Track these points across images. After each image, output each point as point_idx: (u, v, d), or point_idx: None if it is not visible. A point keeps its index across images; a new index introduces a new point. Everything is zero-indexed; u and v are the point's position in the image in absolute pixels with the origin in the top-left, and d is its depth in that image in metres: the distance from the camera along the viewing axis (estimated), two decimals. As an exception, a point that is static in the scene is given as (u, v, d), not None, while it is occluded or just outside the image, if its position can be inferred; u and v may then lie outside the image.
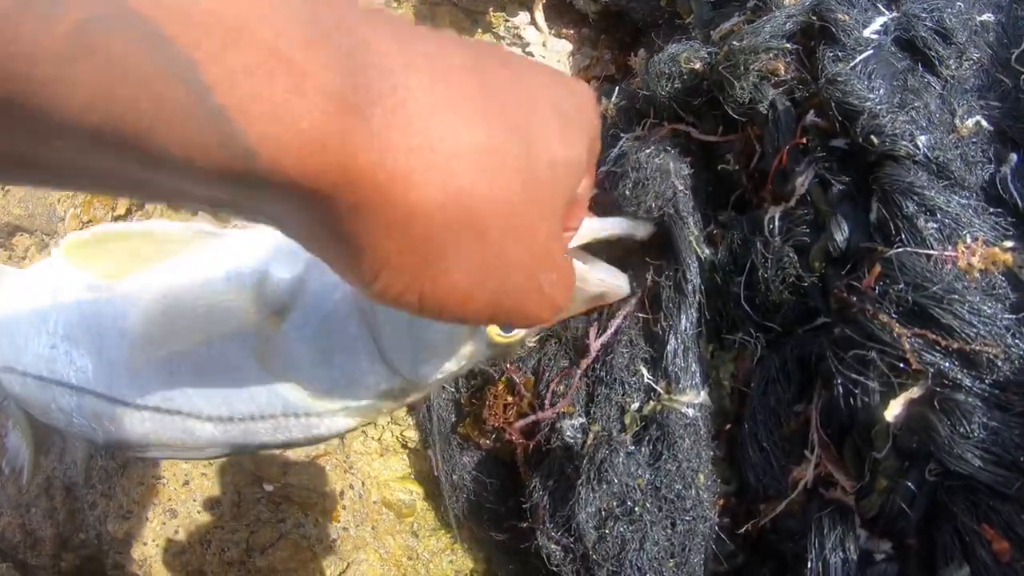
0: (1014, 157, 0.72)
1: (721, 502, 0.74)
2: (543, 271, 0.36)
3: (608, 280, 0.64)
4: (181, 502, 0.95)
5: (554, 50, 0.94)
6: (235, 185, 0.27)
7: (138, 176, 0.26)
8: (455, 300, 0.34)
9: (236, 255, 0.68)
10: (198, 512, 0.95)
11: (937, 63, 0.75)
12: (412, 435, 0.91)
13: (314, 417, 0.69)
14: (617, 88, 0.87)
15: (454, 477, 0.85)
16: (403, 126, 0.29)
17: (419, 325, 0.63)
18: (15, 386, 0.83)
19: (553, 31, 0.94)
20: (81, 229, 1.01)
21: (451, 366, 0.66)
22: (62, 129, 0.23)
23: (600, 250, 0.68)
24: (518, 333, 0.69)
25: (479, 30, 0.95)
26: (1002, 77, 0.77)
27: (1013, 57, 0.80)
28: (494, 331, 0.68)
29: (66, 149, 0.24)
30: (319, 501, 0.92)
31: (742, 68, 0.69)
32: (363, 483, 0.92)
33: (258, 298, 0.66)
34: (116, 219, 1.00)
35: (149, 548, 0.96)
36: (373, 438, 0.92)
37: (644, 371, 0.71)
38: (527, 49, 0.93)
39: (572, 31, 0.94)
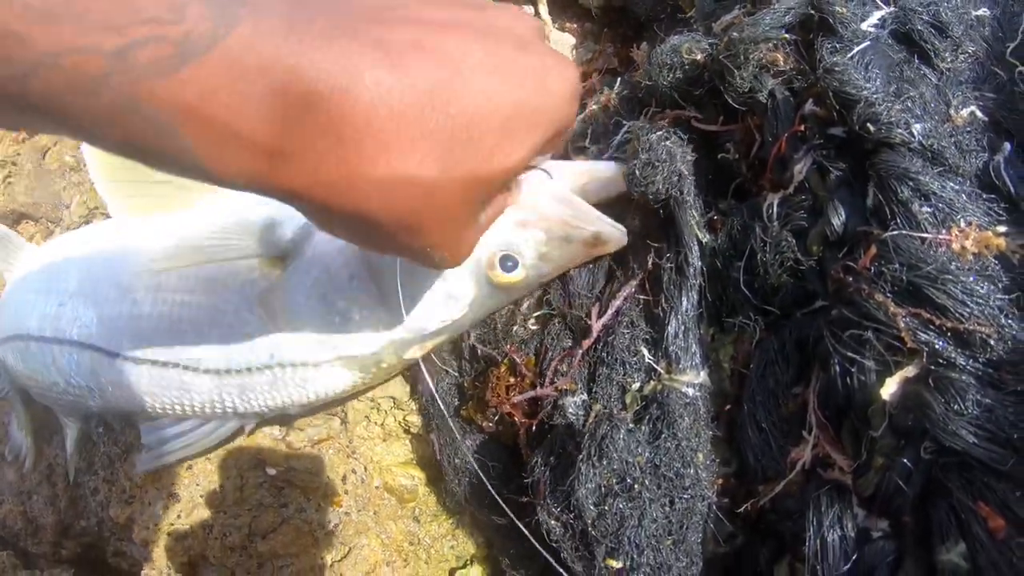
0: (1008, 146, 0.74)
1: (720, 482, 0.75)
2: (435, 251, 0.46)
3: (605, 219, 0.65)
4: (184, 486, 0.96)
5: (557, 44, 0.96)
6: (216, 184, 0.43)
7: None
8: (368, 247, 0.51)
9: (248, 205, 0.70)
10: (200, 496, 0.95)
11: (933, 55, 0.77)
12: (415, 420, 0.92)
13: (311, 368, 0.70)
14: (619, 79, 0.89)
15: (456, 461, 0.86)
16: (329, 162, 0.40)
17: (419, 271, 0.65)
18: (18, 356, 0.84)
19: (557, 25, 0.96)
20: (87, 216, 1.03)
21: (453, 312, 0.67)
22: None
23: None
24: (517, 274, 0.70)
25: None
26: (997, 70, 0.79)
27: (1008, 51, 0.82)
28: (494, 273, 0.70)
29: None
30: (321, 486, 0.93)
31: (742, 58, 0.71)
32: (365, 468, 0.93)
33: (263, 241, 0.68)
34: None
35: (151, 533, 0.96)
36: (376, 423, 0.93)
37: (645, 351, 0.72)
38: (531, 43, 0.95)
39: (575, 25, 0.96)
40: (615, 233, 0.70)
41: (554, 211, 0.68)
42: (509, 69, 0.44)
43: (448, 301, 0.67)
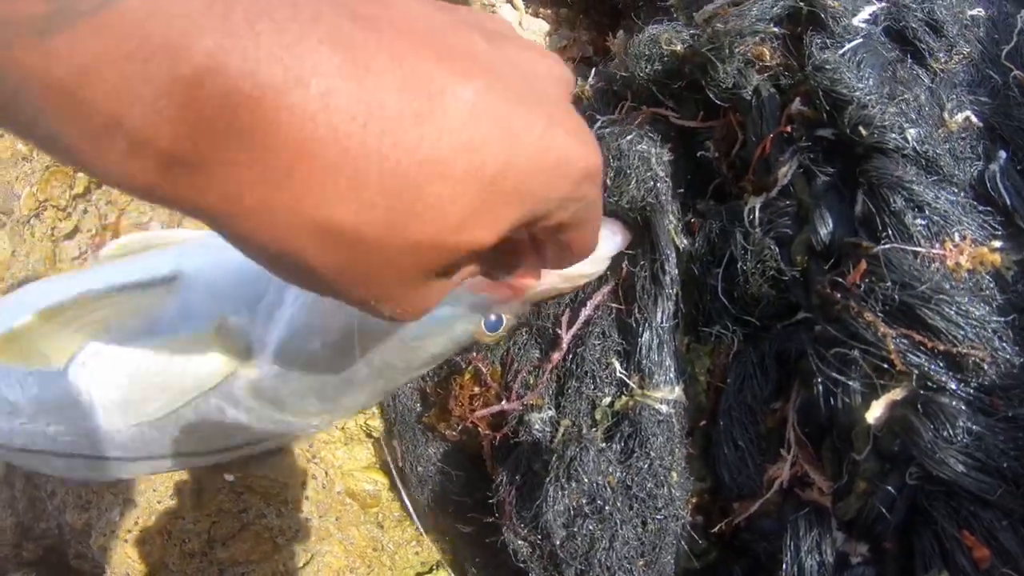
0: (1003, 154, 0.67)
1: (694, 499, 0.68)
2: (385, 305, 0.35)
3: (563, 280, 0.57)
4: (140, 492, 0.87)
5: (530, 30, 0.86)
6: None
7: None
8: (306, 287, 0.35)
9: (185, 305, 0.62)
10: (158, 503, 0.87)
11: (927, 55, 0.69)
12: (376, 424, 0.84)
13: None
14: (594, 69, 0.80)
15: (419, 468, 0.79)
16: (248, 182, 0.28)
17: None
18: (5, 456, 0.77)
19: (530, 10, 0.87)
20: (38, 208, 0.91)
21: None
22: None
23: None
24: (500, 332, 0.64)
25: (455, 8, 0.87)
26: (992, 73, 0.72)
27: (1003, 54, 0.74)
28: (478, 332, 0.64)
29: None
30: (281, 491, 0.85)
31: (727, 51, 0.63)
32: (327, 473, 0.85)
33: (222, 346, 0.60)
34: (74, 197, 0.90)
35: (108, 539, 0.88)
36: (337, 427, 0.85)
37: (617, 364, 0.65)
38: (504, 29, 0.86)
39: (550, 11, 0.87)
40: (606, 263, 0.61)
41: (543, 283, 0.59)
42: (511, 126, 0.31)
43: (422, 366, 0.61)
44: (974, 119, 0.67)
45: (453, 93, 0.30)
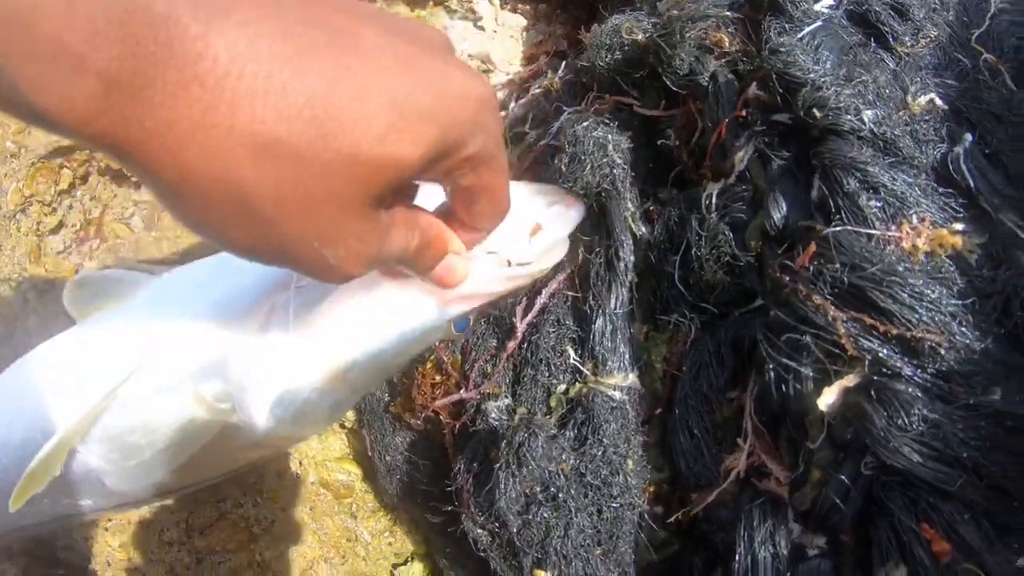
0: (969, 137, 0.65)
1: (652, 489, 0.67)
2: (327, 246, 0.36)
3: (502, 282, 0.56)
4: (120, 480, 0.89)
5: (507, 25, 0.87)
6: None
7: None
8: (241, 248, 0.36)
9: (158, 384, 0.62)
10: (137, 490, 0.88)
11: (891, 39, 0.68)
12: (348, 415, 0.85)
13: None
14: (564, 62, 0.80)
15: (387, 458, 0.79)
16: (183, 105, 0.30)
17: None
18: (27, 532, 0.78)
19: (508, 6, 0.87)
20: (23, 203, 0.93)
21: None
22: None
23: None
24: (467, 331, 0.63)
25: (430, 3, 0.88)
26: (960, 56, 0.70)
27: (974, 37, 0.72)
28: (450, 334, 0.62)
29: None
30: (257, 481, 0.86)
31: (678, 36, 0.62)
32: (301, 463, 0.86)
33: (206, 411, 0.61)
34: (59, 193, 0.93)
35: (89, 527, 0.90)
36: (310, 417, 0.85)
37: (571, 351, 0.64)
38: (478, 23, 0.86)
39: (528, 6, 0.87)
40: (564, 248, 0.60)
41: (497, 286, 0.58)
42: (413, 63, 0.36)
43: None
44: (938, 102, 0.65)
45: (357, 32, 0.35)
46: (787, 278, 0.56)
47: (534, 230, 0.56)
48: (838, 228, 0.57)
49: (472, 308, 0.59)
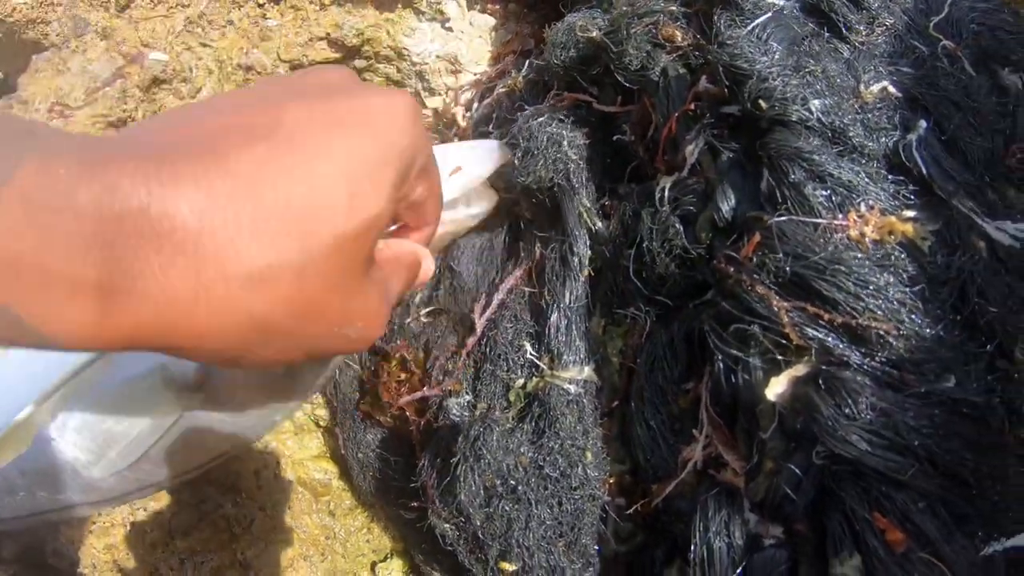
0: (923, 124, 0.65)
1: (614, 481, 0.68)
2: (346, 327, 0.38)
3: (443, 237, 0.57)
4: (105, 482, 0.91)
5: (476, 25, 0.87)
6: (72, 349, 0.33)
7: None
8: (275, 363, 0.37)
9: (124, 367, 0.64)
10: (120, 494, 0.90)
11: (844, 28, 0.68)
12: (323, 413, 0.86)
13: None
14: (527, 61, 0.81)
15: (359, 455, 0.80)
16: (175, 279, 0.31)
17: None
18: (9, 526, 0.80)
19: (478, 6, 0.88)
20: None
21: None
22: None
23: None
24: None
25: (399, 5, 0.89)
26: (917, 43, 0.70)
27: (932, 24, 0.72)
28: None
29: None
30: (236, 482, 0.87)
31: (625, 33, 0.62)
32: (278, 462, 0.87)
33: (172, 389, 0.62)
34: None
35: (75, 530, 0.92)
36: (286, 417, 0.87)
37: (528, 346, 0.65)
38: (447, 24, 0.87)
39: (498, 6, 0.88)
40: (488, 206, 0.62)
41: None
42: (333, 122, 0.37)
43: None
44: (892, 89, 0.65)
45: (276, 119, 0.36)
46: (732, 269, 0.56)
47: (454, 170, 0.57)
48: (782, 218, 0.57)
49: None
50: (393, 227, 0.47)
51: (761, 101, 0.59)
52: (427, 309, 0.72)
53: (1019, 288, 0.60)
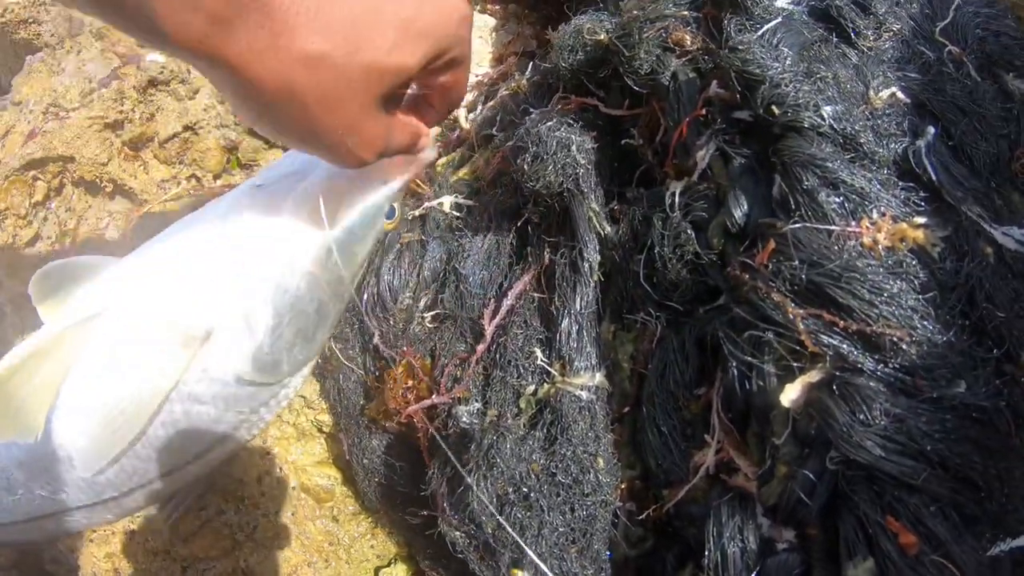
0: (931, 130, 0.65)
1: (624, 486, 0.67)
2: (349, 134, 0.51)
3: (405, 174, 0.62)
4: (104, 490, 0.89)
5: (476, 26, 0.86)
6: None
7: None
8: (287, 132, 0.51)
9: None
10: (120, 501, 0.89)
11: (853, 34, 0.68)
12: (326, 419, 0.85)
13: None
14: (531, 63, 0.80)
15: (365, 461, 0.79)
16: (260, 34, 0.44)
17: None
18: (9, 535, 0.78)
19: (478, 6, 0.87)
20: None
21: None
22: None
23: None
24: (394, 220, 0.67)
25: None
26: (924, 49, 0.70)
27: (938, 29, 0.72)
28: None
29: None
30: (239, 488, 0.86)
31: (636, 37, 0.62)
32: (281, 468, 0.86)
33: (180, 339, 0.61)
34: (34, 205, 0.92)
35: (75, 539, 0.90)
36: (289, 423, 0.85)
37: (539, 353, 0.64)
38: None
39: (499, 6, 0.87)
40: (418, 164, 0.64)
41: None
42: None
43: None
44: (900, 95, 0.65)
45: None
46: (747, 276, 0.56)
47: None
48: (797, 225, 0.57)
49: (402, 186, 0.65)
50: (406, 101, 0.57)
51: (774, 107, 0.59)
52: (432, 313, 0.71)
53: (1027, 293, 0.60)
